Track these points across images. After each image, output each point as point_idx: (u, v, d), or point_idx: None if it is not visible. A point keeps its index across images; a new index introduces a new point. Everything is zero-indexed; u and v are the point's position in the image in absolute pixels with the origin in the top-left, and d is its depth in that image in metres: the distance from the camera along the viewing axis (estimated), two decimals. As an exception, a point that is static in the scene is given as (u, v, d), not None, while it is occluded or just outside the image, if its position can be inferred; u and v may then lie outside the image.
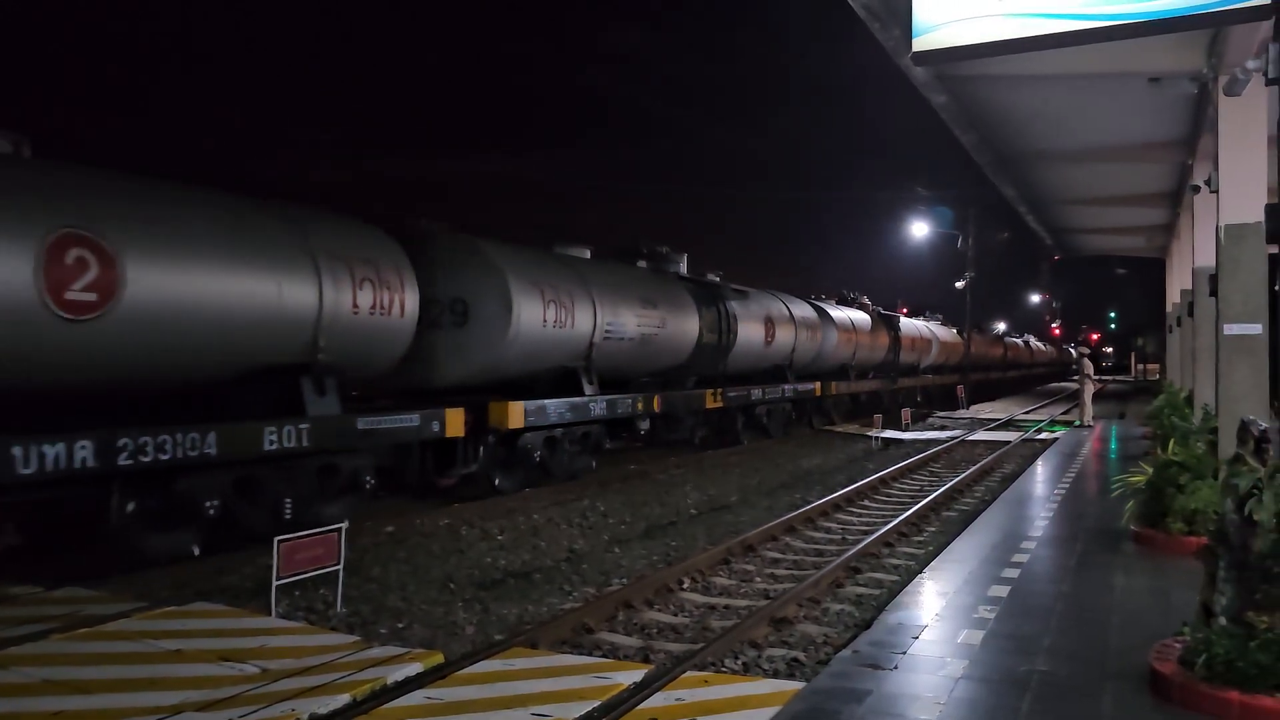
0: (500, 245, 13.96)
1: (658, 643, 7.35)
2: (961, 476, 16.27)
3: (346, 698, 5.60)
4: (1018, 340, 66.26)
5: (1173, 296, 23.47)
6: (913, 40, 8.15)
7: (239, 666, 6.07)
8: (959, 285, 42.48)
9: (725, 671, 6.53)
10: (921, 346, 37.13)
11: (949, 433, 25.82)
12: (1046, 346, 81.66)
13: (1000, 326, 67.19)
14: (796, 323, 24.20)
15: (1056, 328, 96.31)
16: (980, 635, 6.33)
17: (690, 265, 20.90)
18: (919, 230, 44.34)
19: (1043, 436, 24.58)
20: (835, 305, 29.38)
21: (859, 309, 31.12)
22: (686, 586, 9.06)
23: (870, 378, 31.31)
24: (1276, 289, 10.55)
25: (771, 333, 22.57)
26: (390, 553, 9.97)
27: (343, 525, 7.82)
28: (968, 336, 43.73)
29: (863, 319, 30.28)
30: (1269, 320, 9.81)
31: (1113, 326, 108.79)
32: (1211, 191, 10.61)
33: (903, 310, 38.03)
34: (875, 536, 10.87)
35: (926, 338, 37.98)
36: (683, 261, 20.62)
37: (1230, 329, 9.99)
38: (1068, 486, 13.68)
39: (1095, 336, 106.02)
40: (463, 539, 10.78)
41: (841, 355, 27.94)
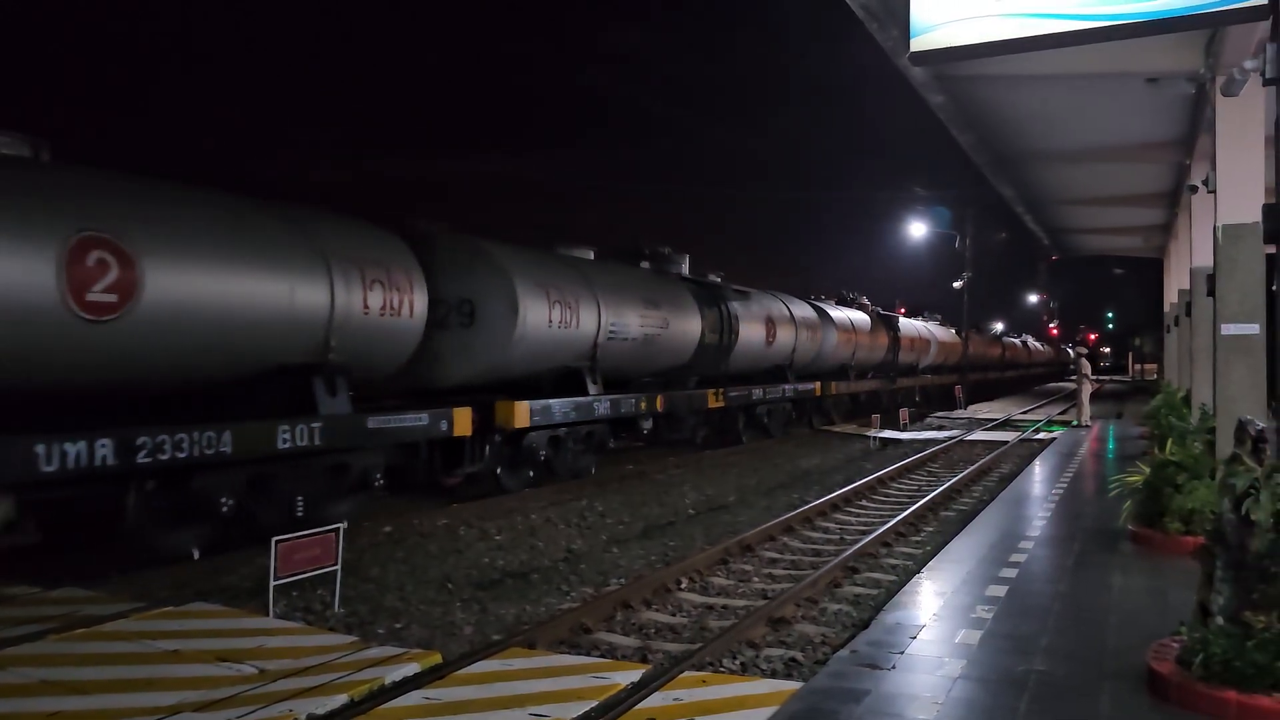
0: (506, 247, 14.09)
1: (655, 643, 7.35)
2: (959, 476, 16.27)
3: (344, 698, 5.60)
4: (1015, 340, 66.32)
5: (1170, 296, 23.49)
6: (911, 40, 8.17)
7: (237, 667, 6.07)
8: (957, 285, 42.52)
9: (723, 671, 6.53)
10: (920, 347, 37.16)
11: (947, 433, 25.83)
12: (1044, 346, 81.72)
13: (998, 326, 67.23)
14: (797, 323, 24.27)
15: (1054, 328, 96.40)
16: (978, 635, 6.33)
17: (691, 266, 21.02)
18: (917, 230, 44.43)
19: (1040, 436, 24.58)
20: (835, 305, 29.44)
21: (858, 309, 31.17)
22: (684, 586, 9.06)
23: (869, 378, 31.36)
24: (1274, 289, 10.55)
25: (772, 333, 22.65)
26: (388, 553, 9.97)
27: (340, 525, 7.83)
28: (966, 337, 43.76)
29: (862, 319, 30.35)
30: (1266, 320, 9.81)
31: (1110, 326, 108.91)
32: (1209, 191, 10.63)
33: (900, 310, 38.04)
34: (873, 536, 10.88)
35: (925, 338, 38.01)
36: (684, 262, 20.76)
37: (1227, 329, 10.01)
38: (1065, 486, 13.69)
39: (1093, 336, 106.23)
40: (461, 539, 10.78)
41: (841, 355, 28.02)
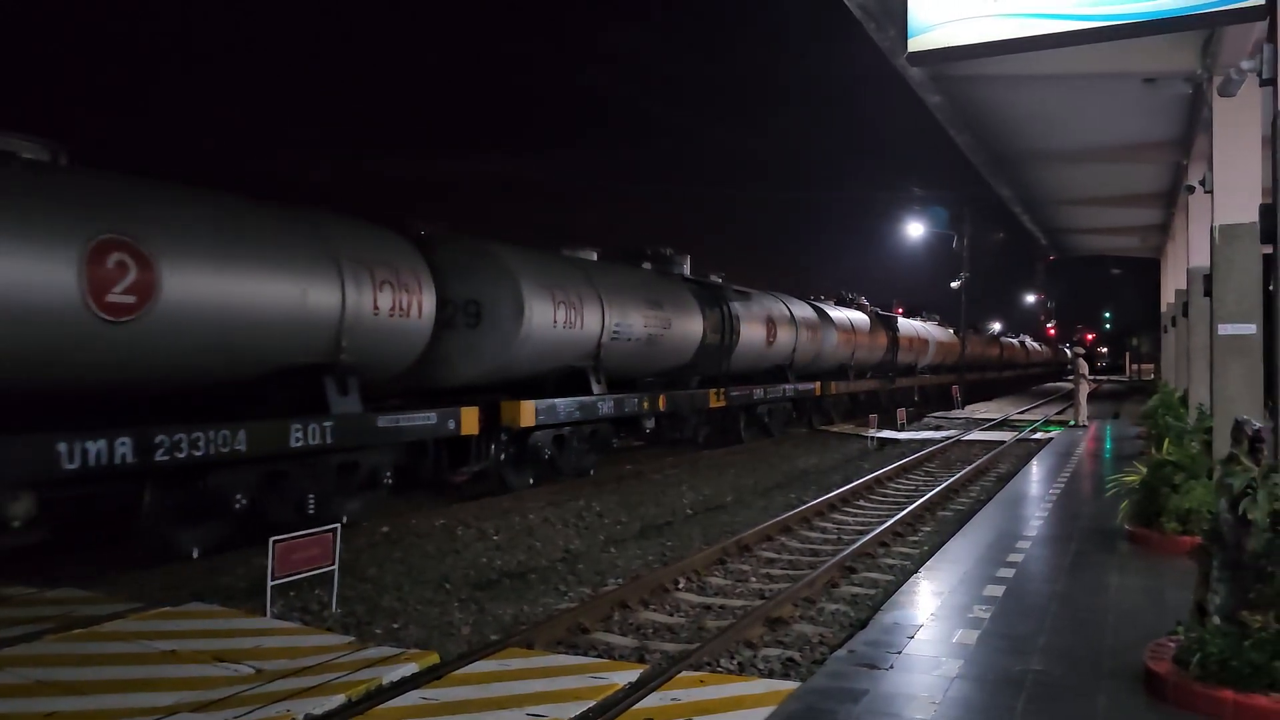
0: (512, 248, 14.23)
1: (653, 643, 7.35)
2: (957, 476, 16.28)
3: (342, 698, 5.59)
4: (1013, 340, 66.35)
5: (1167, 296, 23.52)
6: (908, 40, 8.16)
7: (234, 667, 6.06)
8: (954, 285, 42.53)
9: (720, 671, 6.53)
10: (919, 347, 37.21)
11: (944, 433, 25.85)
12: (1042, 346, 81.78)
13: (996, 326, 67.26)
14: (797, 323, 24.35)
15: (1051, 328, 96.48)
16: (975, 635, 6.33)
17: (692, 266, 21.17)
18: (915, 230, 44.40)
19: (1038, 436, 24.60)
20: (834, 306, 29.49)
21: (857, 309, 31.22)
22: (682, 586, 9.06)
23: (869, 377, 31.43)
24: (1270, 289, 10.56)
25: (773, 333, 22.74)
26: (386, 553, 9.96)
27: (337, 526, 7.84)
28: (963, 337, 43.78)
29: (861, 319, 30.42)
30: (1263, 320, 9.82)
31: (1107, 326, 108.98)
32: (1206, 192, 10.63)
33: (898, 310, 38.07)
34: (871, 536, 10.88)
35: (924, 338, 38.05)
36: (686, 263, 20.91)
37: (1224, 329, 10.01)
38: (1062, 486, 13.70)
39: (1090, 336, 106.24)
40: (458, 539, 10.77)
41: (841, 355, 28.10)
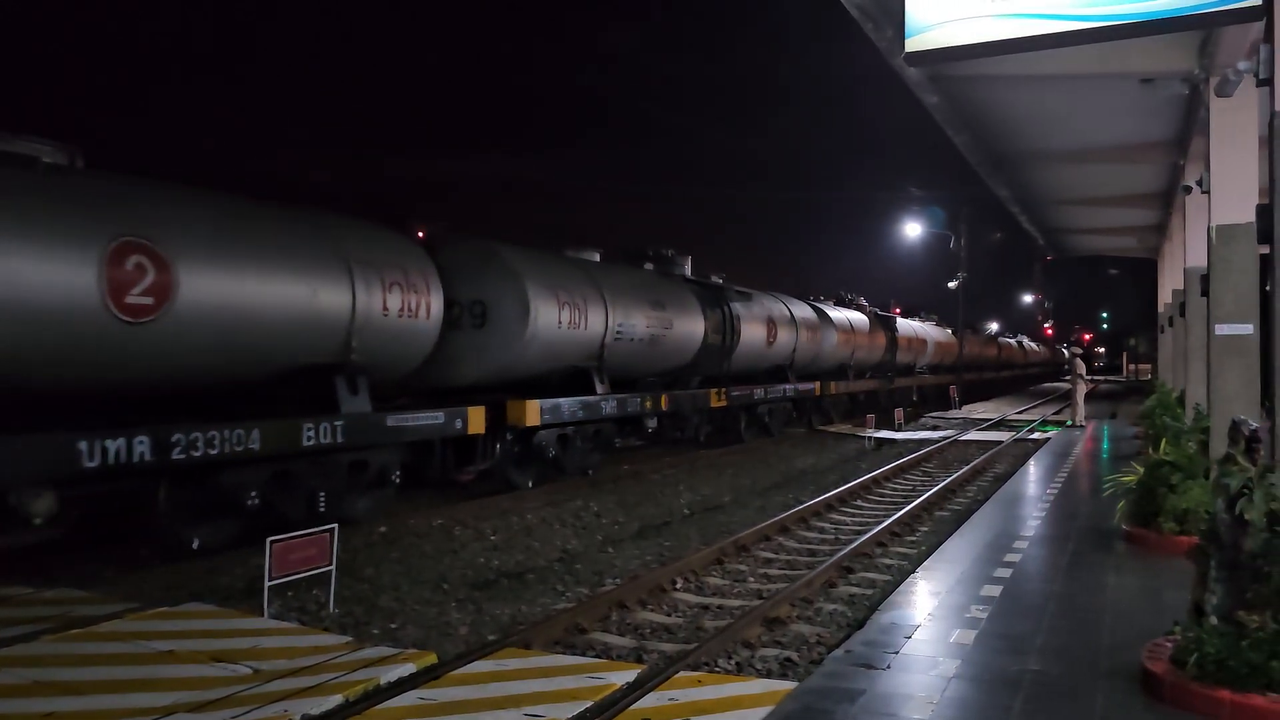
0: (517, 249, 14.35)
1: (651, 643, 7.36)
2: (954, 476, 16.29)
3: (339, 698, 5.59)
4: (1011, 340, 66.41)
5: (1164, 297, 23.54)
6: (906, 41, 8.16)
7: (231, 667, 6.06)
8: (951, 285, 42.54)
9: (718, 671, 6.54)
10: (917, 347, 37.27)
11: (941, 433, 25.86)
12: (1039, 347, 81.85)
13: (993, 326, 67.33)
14: (797, 324, 24.45)
15: (1049, 328, 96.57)
16: (973, 635, 6.34)
17: (693, 266, 21.29)
18: (913, 231, 44.39)
19: (1035, 436, 24.63)
20: (833, 306, 29.57)
21: (856, 310, 31.29)
22: (680, 586, 9.06)
23: (868, 378, 31.50)
24: (1267, 289, 10.58)
25: (773, 333, 22.85)
26: (383, 553, 9.96)
27: (334, 526, 7.83)
28: (961, 337, 43.82)
29: (860, 320, 30.50)
30: (1260, 320, 9.83)
31: (1105, 326, 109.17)
32: (1203, 192, 10.64)
33: (896, 310, 38.11)
34: (868, 536, 10.89)
35: (922, 338, 38.10)
36: (687, 264, 21.07)
37: (1221, 329, 10.02)
38: (1060, 486, 13.71)
39: (1087, 336, 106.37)
40: (456, 539, 10.77)
41: (840, 355, 28.20)
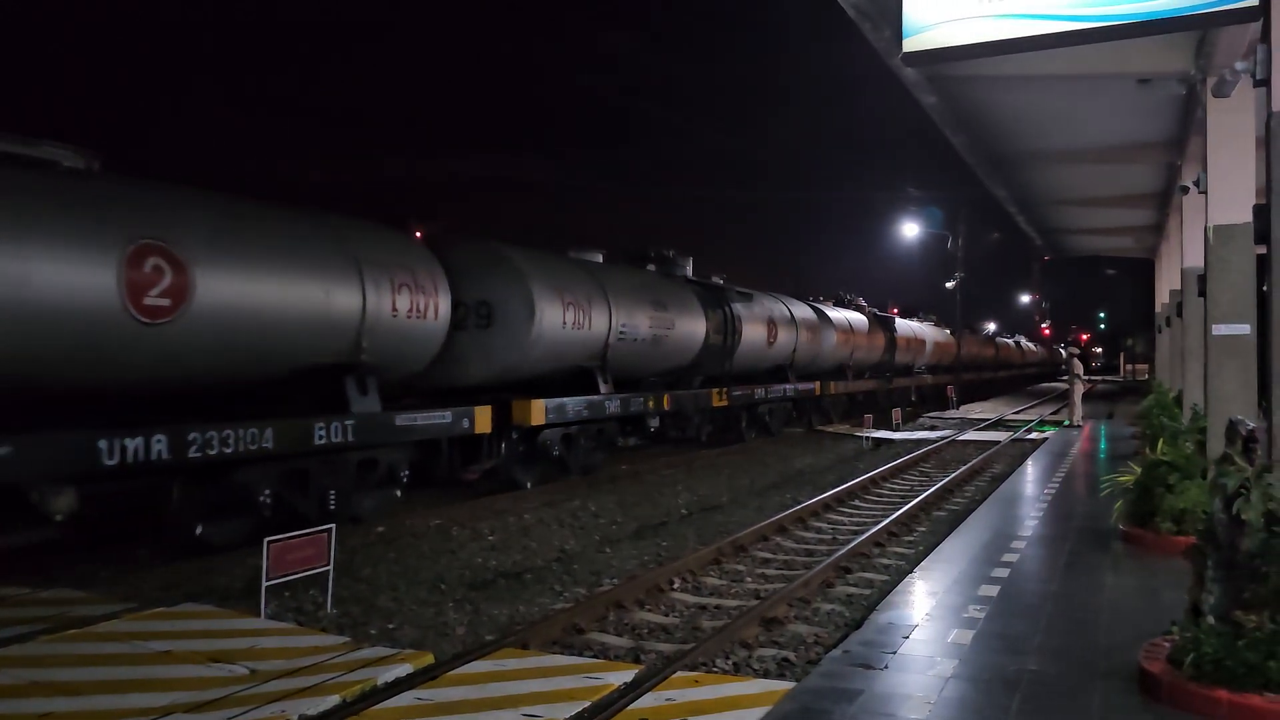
0: (522, 250, 14.47)
1: (648, 643, 7.36)
2: (951, 476, 16.30)
3: (336, 699, 5.59)
4: (1009, 340, 66.47)
5: (1161, 297, 23.56)
6: (903, 41, 8.16)
7: (229, 668, 6.05)
8: (949, 285, 42.56)
9: (716, 671, 6.54)
10: (916, 347, 37.34)
11: (939, 433, 25.88)
12: (1037, 347, 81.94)
13: (991, 327, 67.39)
14: (797, 324, 24.58)
15: (1046, 328, 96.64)
16: (970, 635, 6.34)
17: (693, 267, 21.38)
18: (911, 231, 44.40)
19: (1032, 436, 24.65)
20: (833, 307, 29.68)
21: (855, 310, 31.38)
22: (677, 587, 9.06)
23: (867, 378, 31.61)
24: (1264, 289, 10.58)
25: (774, 334, 22.97)
26: (380, 553, 9.95)
27: (332, 526, 7.82)
28: (959, 337, 43.86)
29: (859, 320, 30.64)
30: (1257, 321, 9.83)
31: (1102, 327, 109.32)
32: (1200, 192, 10.65)
33: (894, 311, 38.14)
34: (866, 536, 10.89)
35: (920, 338, 38.17)
36: (689, 264, 21.21)
37: (1219, 329, 10.03)
38: (1057, 486, 13.72)
39: (1085, 337, 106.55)
40: (453, 539, 10.77)
41: (840, 356, 28.33)
